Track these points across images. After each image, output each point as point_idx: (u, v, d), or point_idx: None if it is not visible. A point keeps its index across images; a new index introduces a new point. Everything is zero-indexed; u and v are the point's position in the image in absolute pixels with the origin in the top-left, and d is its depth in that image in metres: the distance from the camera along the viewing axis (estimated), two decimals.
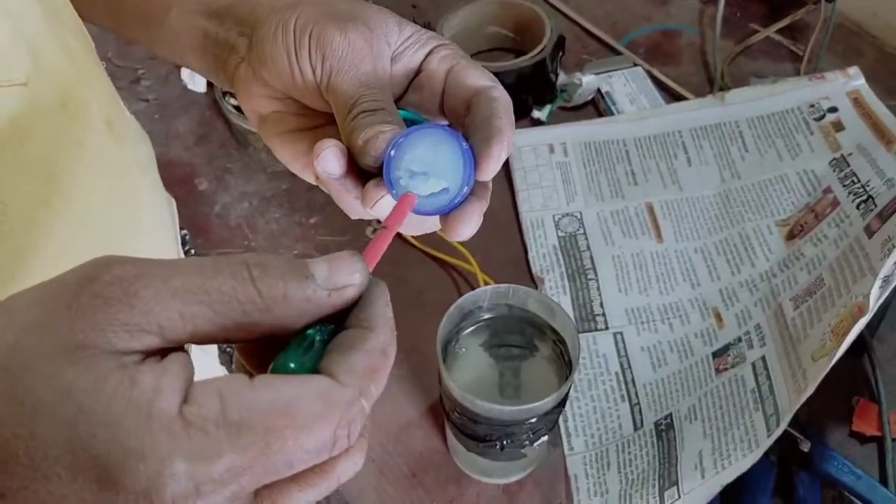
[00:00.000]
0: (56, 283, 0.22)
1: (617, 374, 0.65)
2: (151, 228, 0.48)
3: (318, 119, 0.39)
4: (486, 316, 0.57)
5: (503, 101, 0.36)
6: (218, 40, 0.39)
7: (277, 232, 0.77)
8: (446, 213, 0.35)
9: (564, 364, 0.55)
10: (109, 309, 0.21)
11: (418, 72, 0.38)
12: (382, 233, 0.31)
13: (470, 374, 0.57)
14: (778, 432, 0.53)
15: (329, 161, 0.34)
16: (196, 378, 0.23)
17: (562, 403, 0.53)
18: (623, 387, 0.64)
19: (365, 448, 0.26)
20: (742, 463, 0.53)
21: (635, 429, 0.61)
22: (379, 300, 0.26)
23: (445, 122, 0.38)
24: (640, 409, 0.62)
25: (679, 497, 0.54)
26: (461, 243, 0.72)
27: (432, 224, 0.37)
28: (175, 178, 0.80)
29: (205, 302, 0.23)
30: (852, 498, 0.57)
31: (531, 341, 0.57)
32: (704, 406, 0.60)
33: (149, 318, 0.22)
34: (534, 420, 0.52)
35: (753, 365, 0.60)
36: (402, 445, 0.62)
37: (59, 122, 0.36)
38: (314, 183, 0.38)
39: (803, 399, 0.52)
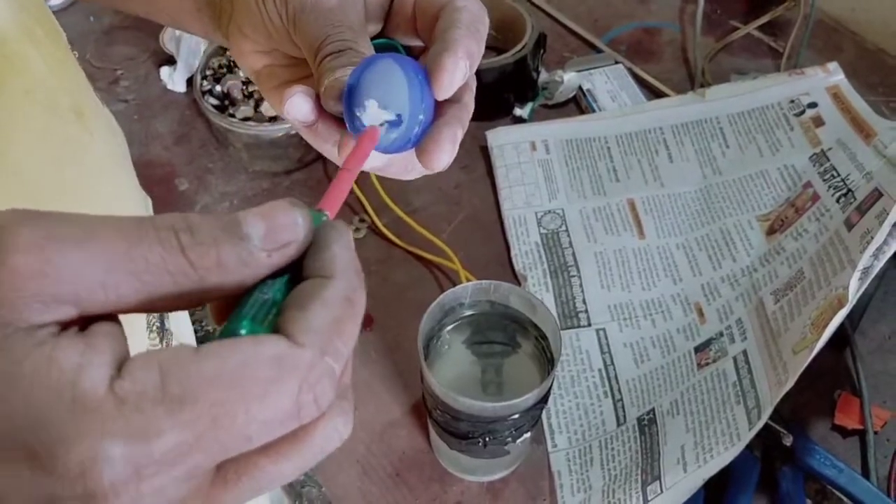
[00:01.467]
0: None
1: (600, 370, 0.65)
2: None
3: (307, 69, 0.36)
4: (468, 313, 0.57)
5: (469, 10, 0.32)
6: (207, 1, 0.38)
7: None
8: (416, 146, 0.32)
9: (546, 360, 0.55)
10: (15, 280, 0.19)
11: None
12: (342, 175, 0.27)
13: (452, 371, 0.56)
14: (759, 426, 0.53)
15: (297, 107, 0.33)
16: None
17: (544, 400, 0.53)
18: (606, 383, 0.64)
19: (348, 411, 0.23)
20: (724, 457, 0.53)
21: (618, 424, 0.61)
22: (335, 243, 0.23)
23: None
24: (622, 405, 0.62)
25: (661, 492, 0.54)
26: (445, 242, 0.71)
27: (419, 167, 0.33)
28: (155, 179, 0.80)
29: (130, 271, 0.20)
30: (835, 491, 0.57)
31: (513, 338, 0.57)
32: (686, 401, 0.60)
33: (64, 287, 0.20)
34: (516, 416, 0.51)
35: (735, 359, 0.60)
36: (386, 445, 0.62)
37: (22, 109, 0.35)
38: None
39: (783, 392, 0.52)
